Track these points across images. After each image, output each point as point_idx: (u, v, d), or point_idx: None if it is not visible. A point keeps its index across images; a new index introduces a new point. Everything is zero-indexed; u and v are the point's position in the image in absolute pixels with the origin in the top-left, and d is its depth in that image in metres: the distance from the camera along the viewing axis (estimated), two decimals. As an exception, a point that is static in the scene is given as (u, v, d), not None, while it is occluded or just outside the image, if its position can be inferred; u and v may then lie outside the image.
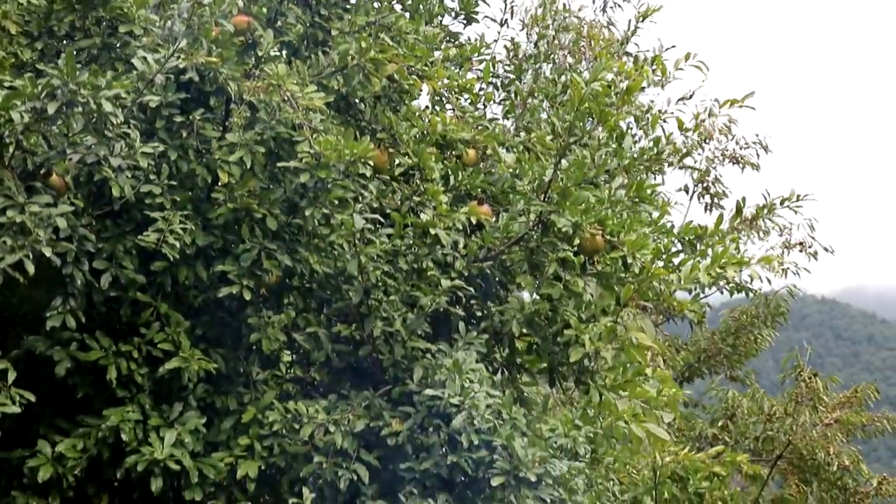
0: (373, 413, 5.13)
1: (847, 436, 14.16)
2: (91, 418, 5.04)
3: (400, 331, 5.28)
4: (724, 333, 14.52)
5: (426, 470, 4.97)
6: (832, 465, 13.35)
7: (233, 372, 5.47)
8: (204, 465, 5.04)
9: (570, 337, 5.29)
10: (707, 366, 14.66)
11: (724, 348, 14.46)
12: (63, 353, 4.98)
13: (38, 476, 4.79)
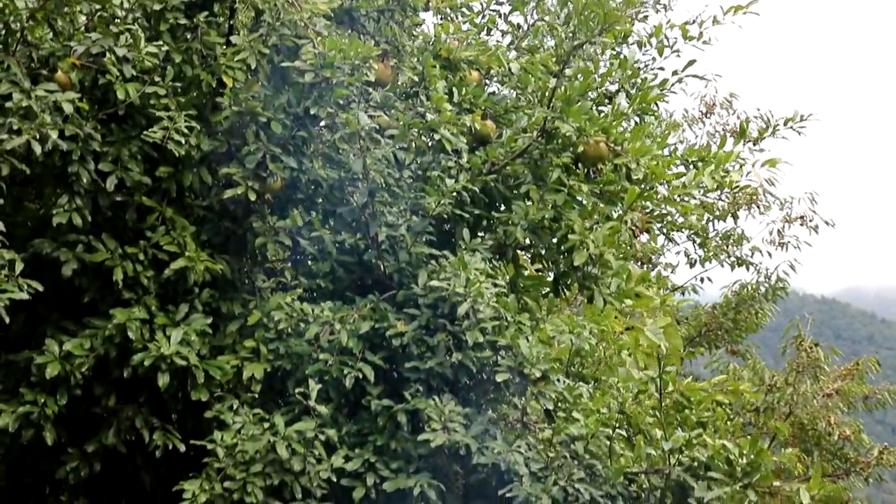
0: (378, 315, 5.14)
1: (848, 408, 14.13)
2: (98, 320, 5.05)
3: (404, 236, 5.29)
4: (725, 308, 14.50)
5: (431, 369, 4.97)
6: (833, 434, 13.32)
7: (238, 279, 5.49)
8: (210, 367, 5.06)
9: (574, 242, 5.30)
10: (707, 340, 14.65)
11: (725, 322, 14.45)
12: (69, 254, 5.00)
13: (46, 373, 4.81)
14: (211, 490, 4.72)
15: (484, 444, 4.86)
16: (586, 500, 4.70)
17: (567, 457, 4.85)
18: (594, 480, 4.80)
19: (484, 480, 4.97)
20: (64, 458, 5.11)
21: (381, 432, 4.99)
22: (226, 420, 4.93)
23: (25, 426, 4.84)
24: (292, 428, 4.84)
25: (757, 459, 4.60)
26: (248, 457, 4.77)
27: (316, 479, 4.80)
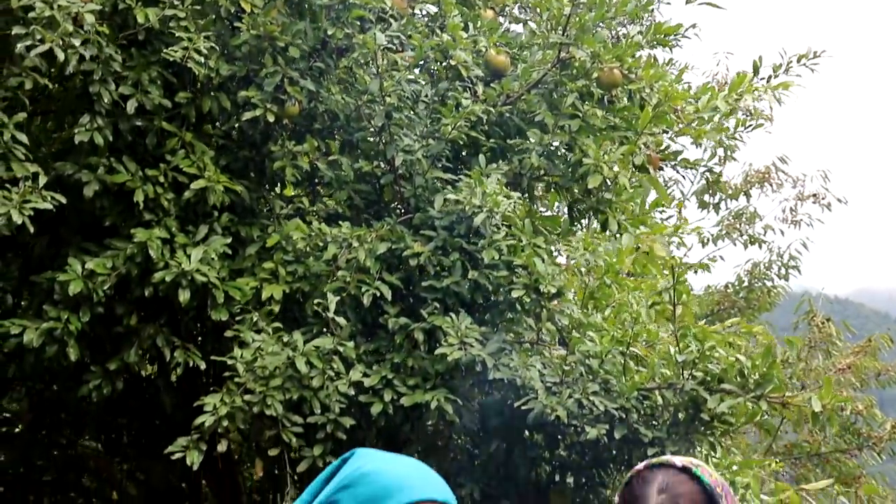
0: (395, 236, 5.21)
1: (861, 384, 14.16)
2: (119, 241, 5.13)
3: (421, 161, 5.35)
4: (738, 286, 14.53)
5: (447, 287, 5.04)
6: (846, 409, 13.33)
7: (256, 205, 5.57)
8: (230, 288, 5.14)
9: (588, 167, 5.35)
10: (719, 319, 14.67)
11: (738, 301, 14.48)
12: (91, 175, 5.08)
13: (69, 290, 4.88)
14: (231, 403, 4.80)
15: (500, 360, 4.92)
16: (600, 411, 4.77)
17: (582, 372, 4.91)
18: (609, 394, 4.86)
19: (500, 395, 5.04)
20: (86, 377, 5.19)
21: (399, 350, 5.07)
22: (245, 338, 5.01)
23: (49, 342, 4.92)
24: (311, 344, 4.91)
25: (769, 372, 4.65)
26: (268, 372, 4.85)
27: (335, 395, 4.88)
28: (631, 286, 5.48)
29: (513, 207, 4.91)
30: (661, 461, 2.81)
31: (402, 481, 2.41)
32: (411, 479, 2.44)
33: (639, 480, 2.74)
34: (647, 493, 2.67)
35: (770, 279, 14.11)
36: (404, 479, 2.42)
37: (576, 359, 5.04)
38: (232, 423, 4.80)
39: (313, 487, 2.53)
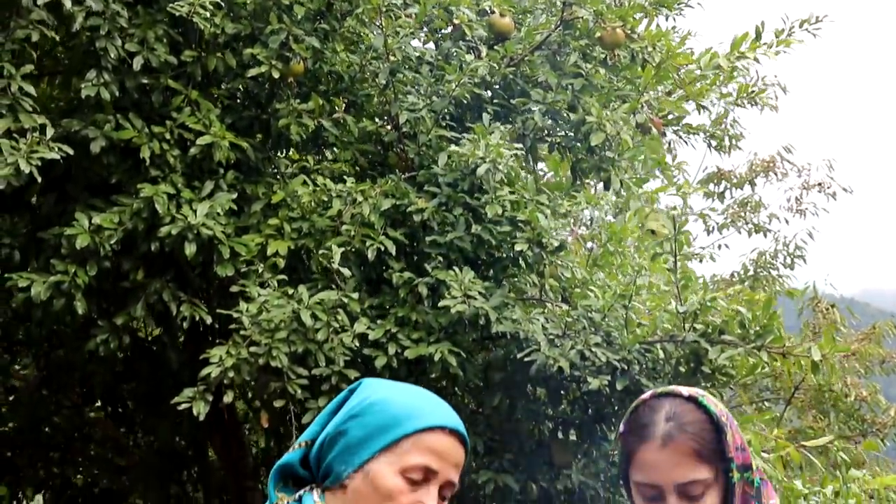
0: (399, 193, 5.25)
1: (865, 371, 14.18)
2: (126, 198, 5.18)
3: (425, 118, 5.40)
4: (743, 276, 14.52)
5: (451, 242, 5.09)
6: (849, 396, 13.39)
7: (262, 164, 5.61)
8: (235, 244, 5.19)
9: (591, 125, 5.39)
10: None
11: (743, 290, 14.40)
12: (97, 131, 5.13)
13: (76, 243, 4.93)
14: (237, 355, 4.84)
15: (502, 314, 4.97)
16: (602, 363, 4.81)
17: (584, 325, 4.96)
18: (611, 346, 4.91)
19: (502, 349, 5.09)
20: (93, 332, 5.24)
21: (403, 305, 5.12)
22: (251, 293, 5.05)
23: (56, 296, 4.96)
24: (316, 297, 4.96)
25: (770, 323, 4.70)
26: (273, 325, 4.89)
27: (339, 348, 4.92)
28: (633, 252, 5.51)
29: (515, 159, 4.94)
30: (667, 390, 2.85)
31: (411, 409, 2.45)
32: (420, 407, 2.48)
33: (645, 409, 2.79)
34: (655, 420, 2.71)
35: (775, 268, 14.13)
36: (413, 407, 2.46)
37: (578, 313, 5.08)
38: (238, 375, 4.84)
39: (321, 419, 2.57)
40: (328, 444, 2.48)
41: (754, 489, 2.84)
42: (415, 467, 2.39)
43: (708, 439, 2.70)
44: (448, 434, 2.45)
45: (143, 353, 6.33)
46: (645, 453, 2.71)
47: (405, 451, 2.40)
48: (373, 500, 2.41)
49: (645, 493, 2.75)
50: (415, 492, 2.40)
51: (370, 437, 2.42)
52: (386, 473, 2.40)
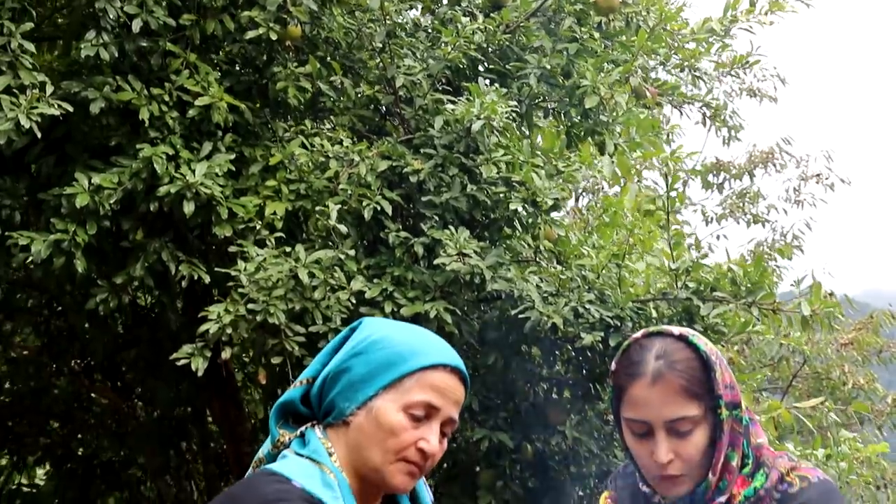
0: (395, 155, 5.31)
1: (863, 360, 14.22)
2: (125, 159, 5.24)
3: (422, 82, 5.45)
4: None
5: (446, 202, 5.15)
6: (847, 383, 13.44)
7: (260, 128, 5.67)
8: (233, 205, 5.25)
9: (585, 88, 5.44)
10: None
11: None
12: (97, 93, 5.18)
13: (76, 202, 4.99)
14: (235, 312, 4.90)
15: (497, 273, 5.03)
16: (596, 319, 4.87)
17: (578, 283, 5.02)
18: (604, 304, 4.97)
19: (497, 308, 5.15)
20: (93, 291, 5.30)
21: (399, 264, 5.18)
22: (248, 253, 5.11)
23: (56, 254, 5.01)
24: (313, 255, 5.02)
25: (761, 280, 4.76)
26: (271, 283, 4.95)
27: (336, 306, 4.98)
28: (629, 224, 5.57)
29: (509, 119, 5.00)
30: (658, 329, 2.91)
31: (414, 347, 2.50)
32: (423, 345, 2.54)
33: (636, 347, 2.84)
34: (645, 359, 2.77)
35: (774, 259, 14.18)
36: (416, 345, 2.51)
37: (572, 273, 5.14)
38: (235, 332, 4.90)
39: (322, 356, 2.61)
40: (330, 380, 2.52)
41: (743, 427, 2.90)
42: (418, 404, 2.45)
43: (697, 377, 2.76)
44: (450, 372, 2.51)
45: (143, 319, 6.39)
46: (635, 390, 2.76)
47: (408, 388, 2.46)
48: (376, 436, 2.46)
49: (635, 430, 2.81)
50: (417, 428, 2.45)
51: (374, 374, 2.47)
52: (389, 410, 2.45)
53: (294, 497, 2.37)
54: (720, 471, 2.83)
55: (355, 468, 2.51)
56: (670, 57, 6.01)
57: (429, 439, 2.46)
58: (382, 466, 2.48)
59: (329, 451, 2.49)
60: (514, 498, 5.39)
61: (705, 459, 2.81)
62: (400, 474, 2.48)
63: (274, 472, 2.48)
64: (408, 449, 2.47)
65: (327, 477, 2.45)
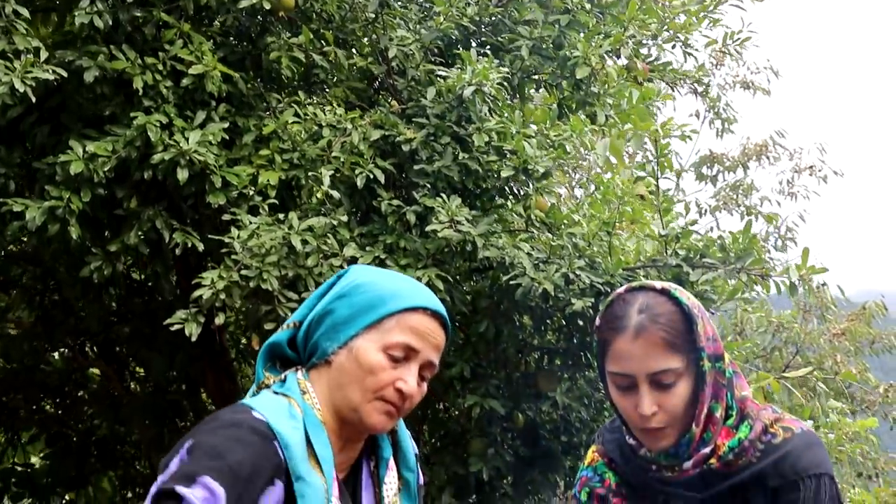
0: (388, 125, 5.35)
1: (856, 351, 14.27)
2: (119, 128, 5.27)
3: (414, 53, 5.49)
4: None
5: (438, 171, 5.19)
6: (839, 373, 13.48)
7: (253, 99, 5.70)
8: (227, 174, 5.28)
9: (577, 59, 5.49)
10: None
11: None
12: (91, 61, 5.21)
13: (70, 169, 5.02)
14: (229, 278, 4.94)
15: (489, 240, 5.07)
16: (586, 285, 4.91)
17: (569, 250, 5.06)
18: (594, 271, 5.01)
19: (489, 276, 5.19)
20: (88, 259, 5.33)
21: (391, 232, 5.22)
22: (242, 221, 5.15)
23: (51, 221, 5.04)
24: (306, 222, 5.05)
25: (749, 246, 4.80)
26: (264, 250, 4.99)
27: (329, 273, 5.02)
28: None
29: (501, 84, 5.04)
30: (641, 284, 2.95)
31: (395, 290, 2.55)
32: (404, 289, 2.59)
33: (619, 302, 2.88)
34: (628, 313, 2.81)
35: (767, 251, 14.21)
36: (398, 288, 2.57)
37: (564, 242, 5.18)
38: (229, 298, 4.94)
39: (310, 301, 2.66)
40: (316, 323, 2.58)
41: (726, 379, 2.94)
42: (397, 345, 2.49)
43: (679, 329, 2.80)
44: (430, 315, 2.55)
45: (137, 292, 6.43)
46: (618, 344, 2.81)
47: (388, 329, 2.50)
48: (355, 375, 2.51)
49: (618, 383, 2.85)
50: (395, 369, 2.50)
51: (355, 316, 2.52)
52: (369, 349, 2.50)
53: (245, 423, 2.41)
54: (704, 422, 2.88)
55: (335, 407, 2.55)
56: (662, 31, 6.05)
57: (407, 380, 2.51)
58: (360, 405, 2.52)
59: (303, 389, 2.54)
60: (505, 466, 5.43)
61: (689, 411, 2.85)
62: (377, 413, 2.53)
63: (241, 404, 2.54)
64: (386, 388, 2.51)
65: (293, 409, 2.49)
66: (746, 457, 2.89)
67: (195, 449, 2.41)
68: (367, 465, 2.68)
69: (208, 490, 2.32)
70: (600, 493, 3.10)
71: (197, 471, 2.33)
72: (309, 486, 2.42)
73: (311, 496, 2.42)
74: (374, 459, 2.68)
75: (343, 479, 2.61)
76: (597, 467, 3.16)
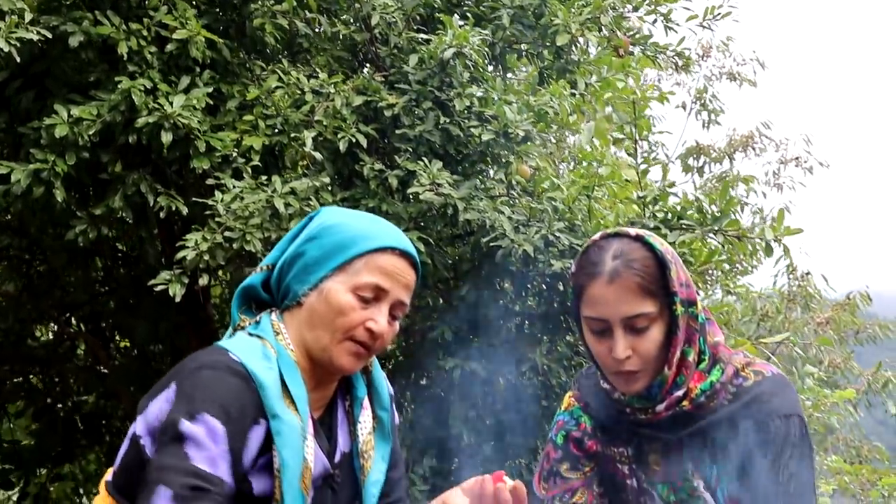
0: (370, 90, 5.40)
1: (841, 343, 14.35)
2: (104, 93, 5.31)
3: (397, 21, 5.55)
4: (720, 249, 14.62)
5: (420, 135, 5.24)
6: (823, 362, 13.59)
7: (237, 68, 5.75)
8: (211, 139, 5.33)
9: (557, 27, 5.55)
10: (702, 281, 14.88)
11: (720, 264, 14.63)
12: (76, 27, 5.25)
13: (55, 132, 5.06)
14: (213, 240, 4.99)
15: (470, 204, 5.13)
16: (566, 247, 4.98)
17: (549, 213, 5.12)
18: (574, 233, 5.08)
19: (470, 240, 5.26)
20: (73, 223, 5.37)
21: (374, 196, 5.27)
22: (226, 184, 5.20)
23: (36, 183, 5.09)
24: (289, 185, 5.11)
25: (726, 207, 4.88)
26: (248, 212, 5.04)
27: (312, 236, 5.06)
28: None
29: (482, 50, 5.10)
30: (616, 231, 3.02)
31: (364, 231, 2.60)
32: (373, 229, 2.64)
33: (594, 248, 2.95)
34: (603, 259, 2.88)
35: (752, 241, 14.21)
36: (366, 230, 2.62)
37: (544, 206, 5.25)
38: (213, 259, 4.99)
39: (282, 244, 2.72)
40: (287, 265, 2.63)
41: (699, 324, 3.01)
42: (366, 285, 2.55)
43: (653, 275, 2.87)
44: (398, 255, 2.60)
45: (122, 261, 6.47)
46: (593, 289, 2.88)
47: (357, 270, 2.56)
48: (326, 315, 2.56)
49: (593, 327, 2.92)
50: (366, 309, 2.55)
51: (325, 257, 2.57)
52: (339, 290, 2.55)
53: (221, 364, 2.47)
54: (677, 366, 2.95)
55: (307, 348, 2.61)
56: (642, 3, 6.12)
57: (377, 320, 2.56)
58: (330, 345, 2.57)
59: (277, 330, 2.60)
60: (486, 429, 5.50)
61: (662, 355, 2.93)
62: (346, 354, 2.58)
63: (217, 346, 2.59)
64: (356, 329, 2.57)
65: (267, 350, 2.55)
66: (718, 399, 2.97)
67: (184, 389, 2.47)
68: (342, 405, 2.74)
69: (209, 427, 2.38)
70: (576, 436, 3.17)
71: (196, 408, 2.39)
72: (285, 424, 2.48)
73: (287, 434, 2.48)
74: (349, 399, 2.74)
75: (319, 419, 2.67)
76: (573, 411, 3.23)
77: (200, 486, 2.27)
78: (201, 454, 2.31)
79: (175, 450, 2.31)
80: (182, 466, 2.29)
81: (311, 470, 2.50)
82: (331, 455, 2.64)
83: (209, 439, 2.34)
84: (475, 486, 2.50)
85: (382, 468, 2.72)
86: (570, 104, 5.05)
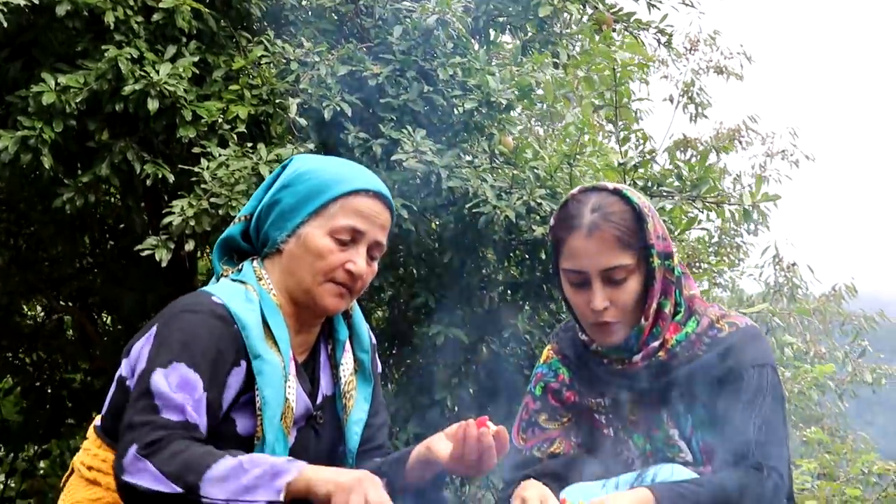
0: (355, 60, 5.46)
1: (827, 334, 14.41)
2: (91, 62, 5.35)
3: (382, -9, 5.61)
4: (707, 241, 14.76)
5: (404, 104, 5.30)
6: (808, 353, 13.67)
7: (223, 38, 5.79)
8: (198, 108, 5.38)
9: (540, 0, 5.62)
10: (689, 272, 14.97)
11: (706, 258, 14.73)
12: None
13: (42, 100, 5.10)
14: (199, 206, 5.05)
15: (453, 172, 5.20)
16: (548, 213, 5.05)
17: (530, 179, 5.19)
18: (555, 199, 5.15)
19: (454, 208, 5.33)
20: (60, 191, 5.42)
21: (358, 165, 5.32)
22: (212, 152, 5.25)
23: (23, 151, 5.13)
24: (274, 152, 5.17)
25: (705, 175, 4.96)
26: (233, 179, 5.09)
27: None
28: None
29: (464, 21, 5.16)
30: (594, 185, 3.10)
31: (337, 175, 2.67)
32: (346, 173, 2.70)
33: (573, 202, 3.03)
34: (581, 212, 2.95)
35: (740, 235, 14.38)
36: (339, 174, 2.68)
37: (526, 175, 5.32)
38: (199, 225, 5.04)
39: (258, 194, 2.79)
40: (264, 214, 2.71)
41: (675, 277, 3.09)
42: (342, 228, 2.63)
43: (630, 228, 2.95)
44: (373, 197, 2.68)
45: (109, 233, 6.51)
46: (572, 242, 2.96)
47: (332, 213, 2.63)
48: (305, 260, 2.64)
49: (572, 279, 3.00)
50: (344, 251, 2.63)
51: (301, 204, 2.65)
52: (316, 235, 2.63)
53: (204, 306, 2.55)
54: (653, 317, 3.04)
55: (289, 292, 2.69)
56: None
57: (355, 261, 2.65)
58: (312, 287, 2.66)
59: (259, 275, 2.68)
60: (469, 396, 5.58)
61: (639, 307, 3.01)
62: (329, 295, 2.67)
63: (200, 291, 2.67)
64: (335, 270, 2.65)
65: (250, 294, 2.63)
66: (693, 350, 3.05)
67: (162, 334, 2.54)
68: (324, 349, 2.82)
69: (182, 376, 2.45)
70: (554, 387, 3.25)
71: (171, 358, 2.46)
72: (267, 364, 2.56)
73: (268, 373, 2.56)
74: (331, 343, 2.82)
75: (302, 362, 2.75)
76: (551, 364, 3.32)
77: (168, 435, 2.34)
78: (171, 403, 2.38)
79: (145, 403, 2.38)
80: (150, 421, 2.36)
81: (292, 409, 2.57)
82: (313, 396, 2.72)
83: (181, 389, 2.41)
84: (458, 430, 2.59)
85: (365, 408, 2.80)
86: (552, 77, 5.11)
